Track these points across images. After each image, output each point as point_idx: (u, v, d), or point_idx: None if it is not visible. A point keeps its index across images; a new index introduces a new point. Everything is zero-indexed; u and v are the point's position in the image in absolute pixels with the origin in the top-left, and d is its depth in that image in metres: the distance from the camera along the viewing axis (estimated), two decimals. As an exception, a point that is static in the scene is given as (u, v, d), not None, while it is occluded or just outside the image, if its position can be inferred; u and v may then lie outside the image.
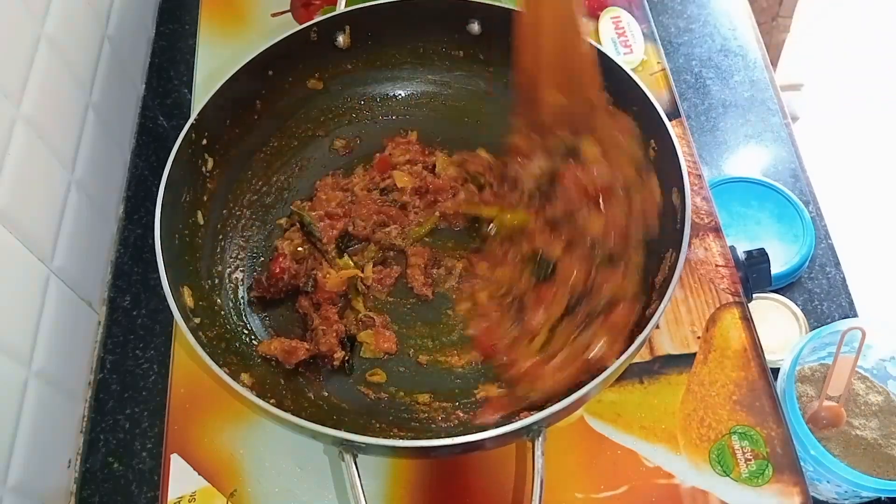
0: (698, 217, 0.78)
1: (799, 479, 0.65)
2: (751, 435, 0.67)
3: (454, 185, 0.80)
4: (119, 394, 0.84)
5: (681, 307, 0.74)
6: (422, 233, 0.79)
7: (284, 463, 0.68)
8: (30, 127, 0.77)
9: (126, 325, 0.88)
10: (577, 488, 0.65)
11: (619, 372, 0.61)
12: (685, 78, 1.06)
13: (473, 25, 0.82)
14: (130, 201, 0.98)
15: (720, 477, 0.66)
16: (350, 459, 0.59)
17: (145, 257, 0.93)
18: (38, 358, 0.75)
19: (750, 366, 0.70)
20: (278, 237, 0.79)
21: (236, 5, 0.99)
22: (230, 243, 0.78)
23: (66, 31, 0.87)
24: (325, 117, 0.87)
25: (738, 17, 1.11)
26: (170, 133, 1.03)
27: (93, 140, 0.91)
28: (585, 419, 0.69)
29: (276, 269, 0.73)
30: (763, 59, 1.07)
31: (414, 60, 0.87)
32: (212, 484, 0.67)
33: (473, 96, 0.88)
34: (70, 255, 0.83)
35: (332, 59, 0.84)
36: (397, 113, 0.89)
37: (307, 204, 0.80)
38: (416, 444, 0.60)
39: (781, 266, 0.88)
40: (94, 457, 0.80)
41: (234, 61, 0.76)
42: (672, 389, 0.70)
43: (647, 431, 0.68)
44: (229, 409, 0.71)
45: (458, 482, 0.67)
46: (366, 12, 0.81)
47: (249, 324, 0.74)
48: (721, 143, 1.01)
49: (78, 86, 0.89)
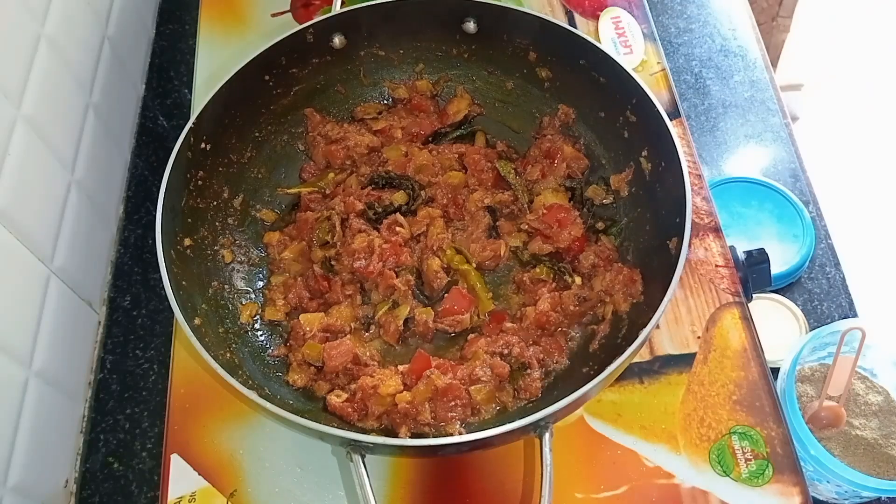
0: (698, 217, 0.78)
1: (799, 479, 0.65)
2: (751, 435, 0.67)
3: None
4: (119, 394, 0.84)
5: (681, 307, 0.74)
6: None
7: (284, 463, 0.68)
8: (30, 127, 0.77)
9: (126, 325, 0.88)
10: (578, 488, 0.65)
11: (620, 372, 0.61)
12: (685, 78, 1.06)
13: (469, 24, 0.82)
14: (130, 201, 0.98)
15: (720, 477, 0.66)
16: (358, 459, 0.59)
17: (145, 257, 0.93)
18: (38, 358, 0.75)
19: (750, 366, 0.70)
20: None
21: (236, 5, 0.99)
22: (230, 242, 0.78)
23: (66, 32, 0.87)
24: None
25: (738, 17, 1.11)
26: (170, 133, 1.03)
27: (93, 140, 0.91)
28: (585, 419, 0.69)
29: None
30: (763, 59, 1.07)
31: (410, 60, 0.87)
32: (212, 484, 0.67)
33: (470, 94, 0.88)
34: (70, 256, 0.83)
35: (328, 60, 0.84)
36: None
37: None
38: (425, 443, 0.60)
39: (781, 266, 0.88)
40: (94, 457, 0.80)
41: (234, 61, 0.76)
42: (672, 389, 0.70)
43: (647, 431, 0.68)
44: (229, 409, 0.71)
45: (459, 482, 0.67)
46: (361, 13, 0.81)
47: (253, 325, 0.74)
48: (721, 143, 1.01)
49: (78, 86, 0.89)
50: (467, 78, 0.87)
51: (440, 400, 0.66)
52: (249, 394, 0.59)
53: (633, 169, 0.77)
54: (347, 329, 0.73)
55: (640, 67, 0.88)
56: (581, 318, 0.73)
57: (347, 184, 0.82)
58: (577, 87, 0.80)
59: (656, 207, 0.73)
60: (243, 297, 0.76)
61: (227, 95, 0.76)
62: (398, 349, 0.74)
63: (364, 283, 0.76)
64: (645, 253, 0.73)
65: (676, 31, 1.10)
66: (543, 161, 0.81)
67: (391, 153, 0.83)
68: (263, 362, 0.72)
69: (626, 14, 0.92)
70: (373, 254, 0.75)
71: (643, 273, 0.71)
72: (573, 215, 0.77)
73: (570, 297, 0.73)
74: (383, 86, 0.88)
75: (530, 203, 0.80)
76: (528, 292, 0.75)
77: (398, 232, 0.76)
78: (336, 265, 0.76)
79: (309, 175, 0.85)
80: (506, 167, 0.82)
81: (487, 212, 0.80)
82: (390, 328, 0.73)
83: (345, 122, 0.87)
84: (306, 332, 0.72)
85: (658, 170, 0.73)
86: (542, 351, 0.71)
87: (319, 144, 0.84)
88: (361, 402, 0.67)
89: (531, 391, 0.68)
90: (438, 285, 0.75)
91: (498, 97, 0.87)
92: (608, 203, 0.79)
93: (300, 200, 0.82)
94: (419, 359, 0.69)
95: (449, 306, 0.73)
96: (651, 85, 0.84)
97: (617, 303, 0.71)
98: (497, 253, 0.77)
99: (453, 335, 0.74)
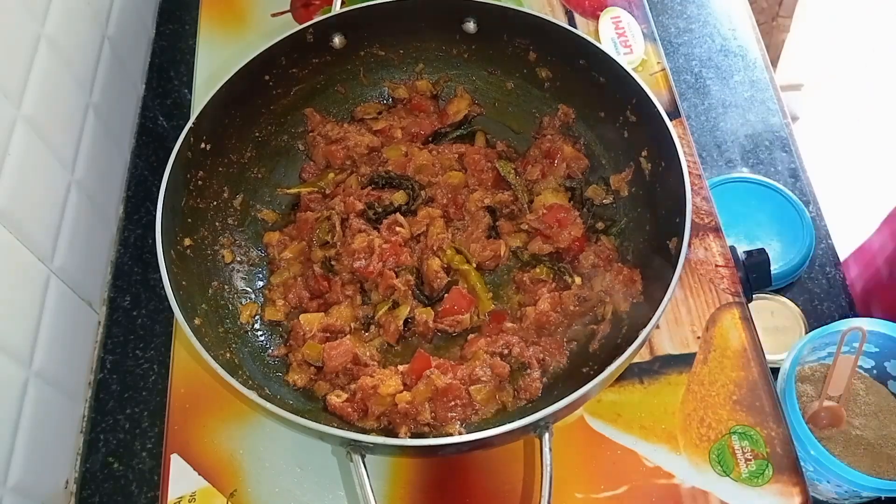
0: (698, 217, 0.78)
1: (799, 479, 0.65)
2: (751, 435, 0.67)
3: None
4: (119, 394, 0.84)
5: (681, 307, 0.74)
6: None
7: (284, 463, 0.68)
8: (30, 127, 0.77)
9: (126, 325, 0.89)
10: (578, 488, 0.65)
11: (620, 372, 0.61)
12: (685, 78, 1.06)
13: (469, 24, 0.82)
14: (130, 201, 0.98)
15: (720, 477, 0.66)
16: (358, 459, 0.59)
17: (145, 257, 0.93)
18: (39, 358, 0.75)
19: (750, 366, 0.70)
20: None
21: (236, 5, 0.99)
22: (230, 242, 0.78)
23: (66, 31, 0.87)
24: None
25: (738, 17, 1.11)
26: (170, 133, 1.03)
27: (93, 140, 0.91)
28: (585, 419, 0.69)
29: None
30: (763, 59, 1.07)
31: (410, 60, 0.87)
32: (212, 484, 0.67)
33: (470, 94, 0.88)
34: (70, 255, 0.83)
35: (328, 60, 0.84)
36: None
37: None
38: (425, 443, 0.60)
39: (781, 266, 0.88)
40: (94, 457, 0.80)
41: (234, 61, 0.76)
42: (672, 389, 0.70)
43: (647, 431, 0.68)
44: (229, 409, 0.71)
45: (459, 482, 0.67)
46: (361, 13, 0.81)
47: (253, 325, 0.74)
48: (721, 143, 1.01)
49: (78, 86, 0.89)
50: (467, 78, 0.87)
51: (440, 400, 0.66)
52: (249, 394, 0.59)
53: (633, 169, 0.77)
54: (347, 329, 0.73)
55: (640, 67, 0.88)
56: (581, 318, 0.73)
57: (347, 184, 0.82)
58: (577, 87, 0.80)
59: (656, 207, 0.73)
60: (243, 297, 0.76)
61: (227, 95, 0.76)
62: (398, 349, 0.74)
63: (364, 283, 0.76)
64: (645, 253, 0.73)
65: (676, 31, 1.10)
66: (543, 161, 0.81)
67: (391, 153, 0.83)
68: (263, 362, 0.72)
69: (626, 14, 0.92)
70: (373, 254, 0.75)
71: (643, 273, 0.71)
72: (573, 215, 0.77)
73: (570, 297, 0.73)
74: (383, 86, 0.88)
75: (530, 203, 0.80)
76: (528, 292, 0.75)
77: (398, 232, 0.76)
78: (336, 265, 0.76)
79: (309, 175, 0.85)
80: (506, 167, 0.82)
81: (487, 212, 0.80)
82: (390, 328, 0.73)
83: (345, 122, 0.87)
84: (306, 332, 0.72)
85: (658, 170, 0.73)
86: (542, 351, 0.71)
87: (319, 144, 0.84)
88: (361, 402, 0.67)
89: (531, 391, 0.68)
90: (438, 285, 0.75)
91: (498, 97, 0.87)
92: (608, 203, 0.79)
93: (300, 200, 0.82)
94: (419, 359, 0.69)
95: (449, 306, 0.73)
96: (651, 85, 0.84)
97: (617, 303, 0.71)
98: (497, 253, 0.77)
99: (453, 335, 0.74)
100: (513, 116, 0.86)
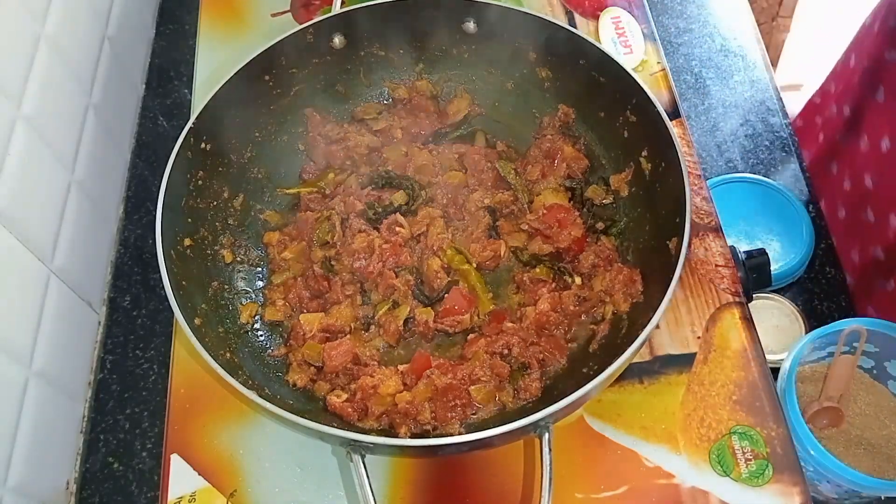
0: (698, 217, 0.78)
1: (799, 479, 0.65)
2: (751, 435, 0.67)
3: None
4: (119, 394, 0.84)
5: (681, 307, 0.74)
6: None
7: (284, 463, 0.68)
8: (30, 127, 0.77)
9: (126, 325, 0.89)
10: (577, 488, 0.65)
11: (620, 372, 0.61)
12: (685, 78, 1.06)
13: (469, 24, 0.82)
14: (130, 201, 0.98)
15: (720, 477, 0.66)
16: (358, 459, 0.59)
17: (145, 257, 0.93)
18: (39, 358, 0.75)
19: (750, 366, 0.70)
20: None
21: (236, 5, 0.99)
22: (230, 242, 0.78)
23: (66, 31, 0.87)
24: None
25: (738, 17, 1.11)
26: (170, 133, 1.03)
27: (93, 140, 0.91)
28: (585, 419, 0.69)
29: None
30: (763, 59, 1.07)
31: (410, 60, 0.87)
32: (212, 484, 0.67)
33: (470, 94, 0.88)
34: (70, 255, 0.83)
35: (328, 60, 0.84)
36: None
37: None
38: (425, 443, 0.60)
39: (781, 266, 0.88)
40: (94, 457, 0.81)
41: (234, 61, 0.76)
42: (672, 389, 0.70)
43: (647, 431, 0.68)
44: (229, 409, 0.71)
45: (459, 482, 0.67)
46: (361, 13, 0.81)
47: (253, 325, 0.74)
48: (721, 143, 1.01)
49: (78, 86, 0.89)
50: (467, 78, 0.87)
51: (440, 400, 0.66)
52: (249, 394, 0.59)
53: (633, 169, 0.77)
54: (347, 329, 0.73)
55: (640, 67, 0.88)
56: (581, 318, 0.73)
57: (347, 184, 0.82)
58: (577, 87, 0.80)
59: (656, 207, 0.73)
60: (243, 298, 0.76)
61: (227, 95, 0.76)
62: (398, 349, 0.74)
63: (364, 283, 0.76)
64: (645, 253, 0.73)
65: (676, 31, 1.10)
66: (543, 161, 0.81)
67: (391, 153, 0.83)
68: (263, 362, 0.72)
69: (626, 14, 0.92)
70: (373, 254, 0.75)
71: (643, 273, 0.71)
72: (573, 215, 0.77)
73: (570, 297, 0.73)
74: (383, 86, 0.88)
75: (530, 203, 0.80)
76: (528, 292, 0.75)
77: (398, 232, 0.76)
78: (336, 265, 0.76)
79: (309, 175, 0.85)
80: (506, 167, 0.82)
81: (487, 212, 0.80)
82: (390, 328, 0.73)
83: (345, 122, 0.87)
84: (306, 332, 0.72)
85: (658, 170, 0.73)
86: (541, 351, 0.71)
87: (319, 145, 0.84)
88: (361, 402, 0.67)
89: (531, 391, 0.68)
90: (438, 285, 0.75)
91: (498, 97, 0.87)
92: (608, 203, 0.79)
93: (300, 200, 0.82)
94: (419, 359, 0.69)
95: (449, 306, 0.73)
96: (651, 85, 0.84)
97: (617, 303, 0.71)
98: (497, 253, 0.77)
99: (453, 335, 0.74)
100: (513, 116, 0.86)
